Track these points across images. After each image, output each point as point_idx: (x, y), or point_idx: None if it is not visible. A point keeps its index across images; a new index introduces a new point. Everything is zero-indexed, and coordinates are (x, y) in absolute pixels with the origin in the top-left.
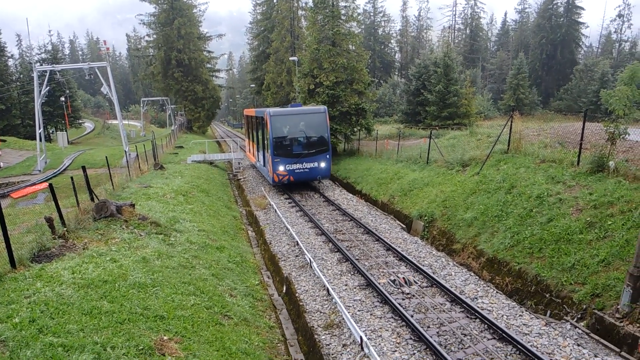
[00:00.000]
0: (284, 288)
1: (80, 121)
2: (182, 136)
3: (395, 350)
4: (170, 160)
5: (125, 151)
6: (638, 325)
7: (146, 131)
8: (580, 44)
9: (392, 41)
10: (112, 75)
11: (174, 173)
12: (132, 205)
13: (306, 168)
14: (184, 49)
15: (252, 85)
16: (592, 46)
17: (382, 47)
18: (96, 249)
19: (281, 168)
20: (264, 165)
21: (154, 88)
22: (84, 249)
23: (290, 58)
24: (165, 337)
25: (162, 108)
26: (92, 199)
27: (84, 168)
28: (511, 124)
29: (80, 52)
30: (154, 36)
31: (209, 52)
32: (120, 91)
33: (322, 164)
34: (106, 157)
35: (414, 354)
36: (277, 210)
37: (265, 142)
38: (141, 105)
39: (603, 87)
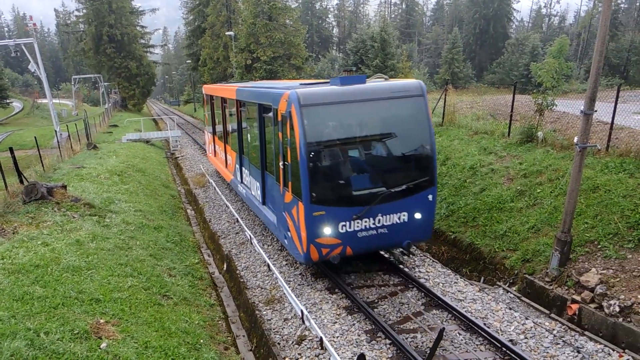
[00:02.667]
0: (225, 265)
1: (7, 101)
2: (117, 115)
3: (336, 322)
4: (104, 139)
5: (56, 131)
6: (566, 287)
7: (78, 110)
8: (512, 18)
9: (329, 16)
10: (40, 53)
11: (108, 153)
12: (64, 187)
13: (384, 226)
14: (115, 24)
15: (188, 61)
16: (523, 21)
17: (320, 21)
18: (26, 233)
19: (329, 231)
20: (267, 205)
21: (86, 65)
22: (13, 233)
23: (227, 33)
24: (101, 320)
25: (94, 86)
26: (22, 182)
27: (11, 149)
28: (445, 98)
29: (6, 29)
30: (84, 11)
31: (142, 27)
32: (50, 69)
33: (419, 214)
34: (35, 137)
35: (354, 324)
36: (216, 187)
37: (282, 165)
38: (72, 83)
39: (533, 61)
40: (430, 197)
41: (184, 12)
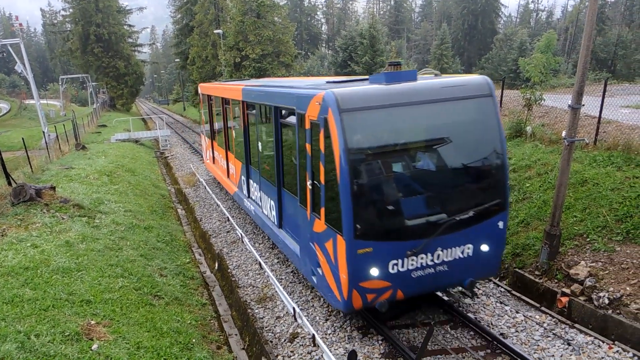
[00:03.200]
0: (216, 265)
1: None
2: (105, 114)
3: (328, 319)
4: (93, 140)
5: (44, 132)
6: (556, 281)
7: (66, 110)
8: (500, 14)
9: (318, 13)
10: (26, 53)
11: (97, 153)
12: (53, 188)
13: (444, 262)
14: (103, 23)
15: (176, 60)
16: (511, 16)
17: (309, 19)
18: (15, 235)
19: (376, 272)
20: (285, 230)
21: (73, 65)
22: (2, 235)
23: (215, 31)
24: (92, 322)
25: (82, 86)
26: (10, 184)
27: None
28: None
29: None
30: (70, 10)
31: (130, 26)
32: (37, 69)
33: (486, 246)
34: (23, 139)
35: (346, 321)
36: (206, 187)
37: (311, 184)
38: (60, 84)
39: (522, 56)
40: (500, 224)
41: (171, 11)
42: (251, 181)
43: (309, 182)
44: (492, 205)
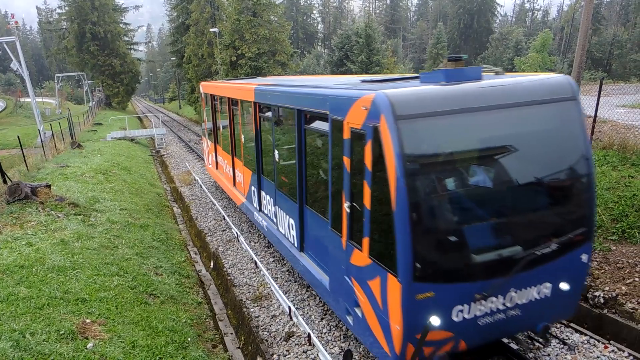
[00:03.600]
0: (212, 263)
1: None
2: (101, 113)
3: (323, 318)
4: (89, 138)
5: (40, 130)
6: None
7: (62, 109)
8: (496, 13)
9: (314, 12)
10: (22, 51)
11: (93, 151)
12: (48, 186)
13: (517, 306)
14: (99, 21)
15: (172, 58)
16: (506, 15)
17: (305, 17)
18: (11, 234)
19: (437, 322)
20: (308, 254)
21: (69, 63)
22: None
23: (211, 29)
24: (88, 320)
25: (78, 84)
26: (5, 182)
27: None
28: None
29: None
30: (66, 8)
31: (126, 24)
32: (33, 67)
33: (566, 284)
34: (18, 137)
35: (341, 320)
36: (202, 185)
37: (349, 207)
38: (56, 82)
39: (517, 55)
40: (584, 257)
41: (167, 9)
42: (263, 193)
43: (345, 204)
44: (577, 235)
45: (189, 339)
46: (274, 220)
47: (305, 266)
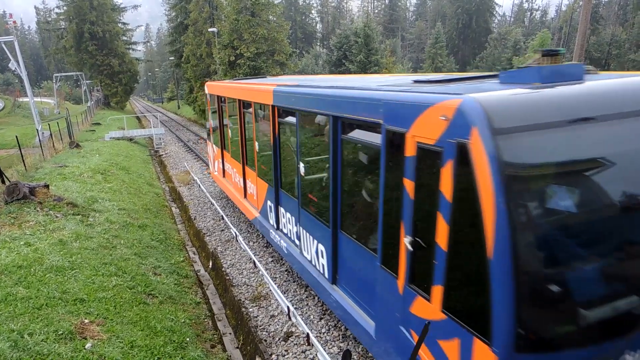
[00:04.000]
0: (210, 263)
1: None
2: (100, 112)
3: (322, 318)
4: (87, 138)
5: (38, 130)
6: None
7: (60, 108)
8: (494, 13)
9: (313, 11)
10: (20, 51)
11: (91, 151)
12: (47, 186)
13: None
14: (97, 20)
15: (171, 58)
16: (505, 15)
17: (303, 17)
18: (9, 234)
19: None
20: (342, 287)
21: (67, 63)
22: None
23: (210, 29)
24: (86, 320)
25: (77, 84)
26: (3, 182)
27: None
28: None
29: None
30: (65, 8)
31: (124, 24)
32: (31, 67)
33: None
34: (16, 136)
35: (340, 320)
36: (200, 185)
37: (411, 243)
38: (54, 82)
39: (516, 55)
40: None
41: (166, 9)
42: (283, 210)
43: (406, 239)
44: None
45: (188, 339)
46: (296, 242)
47: (339, 302)
